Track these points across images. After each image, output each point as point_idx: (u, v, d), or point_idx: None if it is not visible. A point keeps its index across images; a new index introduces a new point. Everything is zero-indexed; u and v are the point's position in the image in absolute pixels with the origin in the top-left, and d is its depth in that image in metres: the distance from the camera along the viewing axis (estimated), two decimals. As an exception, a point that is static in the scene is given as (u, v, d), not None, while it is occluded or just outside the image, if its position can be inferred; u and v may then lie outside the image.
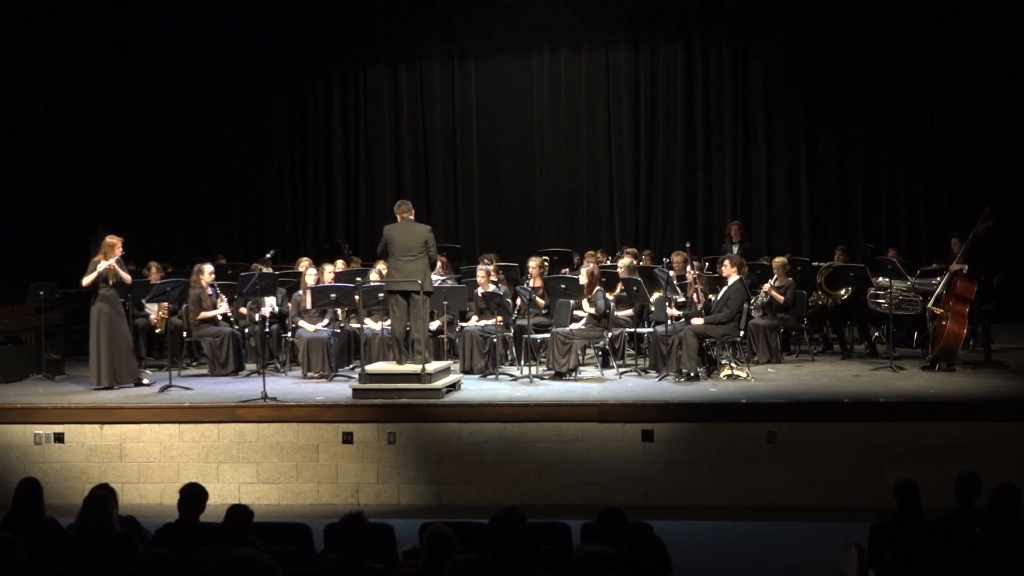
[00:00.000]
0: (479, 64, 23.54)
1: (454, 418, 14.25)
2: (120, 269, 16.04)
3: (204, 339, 17.37)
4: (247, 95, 23.97)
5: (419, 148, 23.78)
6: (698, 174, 22.70)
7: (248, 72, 23.84)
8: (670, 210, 22.82)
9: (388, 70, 23.84)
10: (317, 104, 24.15)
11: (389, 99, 23.84)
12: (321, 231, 23.90)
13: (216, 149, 24.13)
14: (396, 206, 15.58)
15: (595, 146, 23.08)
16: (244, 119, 24.11)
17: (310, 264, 18.13)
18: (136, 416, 14.68)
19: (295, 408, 14.55)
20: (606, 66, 23.03)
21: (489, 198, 23.59)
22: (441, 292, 16.33)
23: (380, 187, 23.66)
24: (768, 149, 22.50)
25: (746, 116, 22.57)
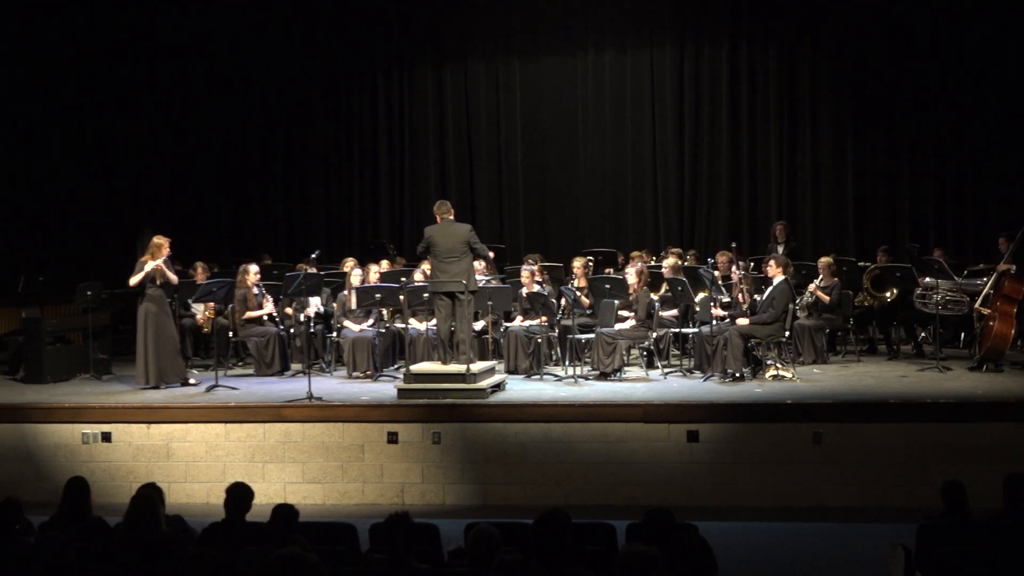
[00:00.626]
0: (524, 64, 23.54)
1: (499, 418, 14.25)
2: (167, 269, 16.14)
3: (250, 339, 17.44)
4: (293, 96, 24.04)
5: (463, 149, 23.81)
6: (743, 174, 22.63)
7: (294, 73, 23.92)
8: (715, 210, 22.76)
9: (433, 70, 23.87)
10: (362, 105, 24.19)
11: (434, 99, 23.87)
12: (366, 231, 23.96)
13: (262, 150, 24.21)
14: (436, 207, 15.59)
15: (640, 146, 23.03)
16: (290, 120, 24.18)
17: (355, 264, 18.17)
18: (183, 416, 14.75)
19: (340, 408, 14.58)
20: (651, 66, 22.99)
21: (533, 198, 23.58)
22: (485, 292, 16.33)
23: (425, 188, 23.68)
24: (814, 148, 22.40)
25: (792, 115, 22.47)
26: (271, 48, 23.71)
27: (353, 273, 17.54)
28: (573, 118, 23.30)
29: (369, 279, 17.54)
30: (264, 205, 24.39)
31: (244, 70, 23.81)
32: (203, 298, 17.35)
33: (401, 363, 17.05)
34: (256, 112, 23.94)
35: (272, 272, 19.49)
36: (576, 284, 17.79)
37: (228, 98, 23.84)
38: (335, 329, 17.56)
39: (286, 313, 18.14)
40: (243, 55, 23.72)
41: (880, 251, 19.19)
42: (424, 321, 17.06)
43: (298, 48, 23.75)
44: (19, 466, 14.76)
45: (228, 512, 8.91)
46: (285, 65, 23.84)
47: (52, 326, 17.61)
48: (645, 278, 16.77)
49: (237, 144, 24.01)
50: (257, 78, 23.86)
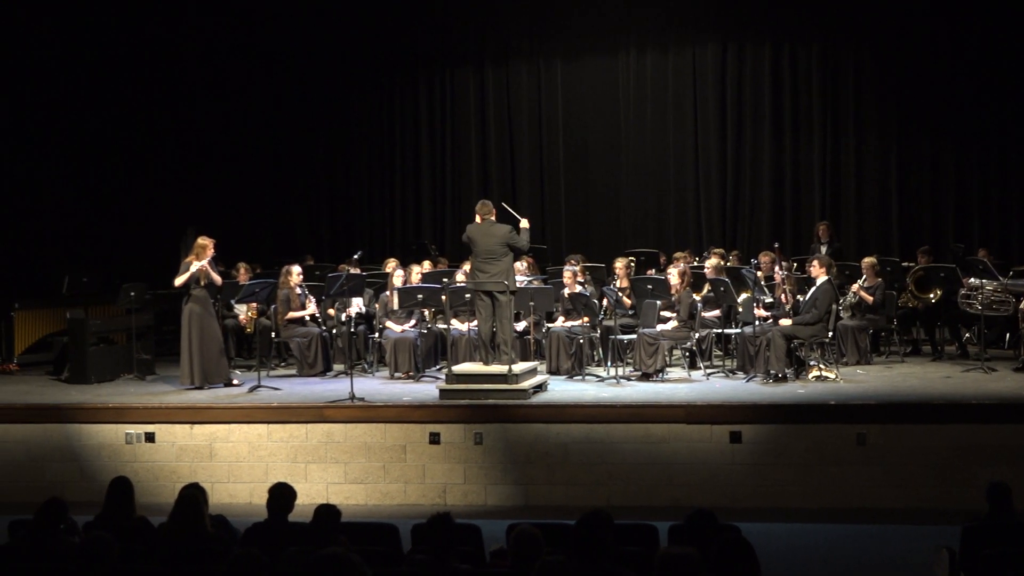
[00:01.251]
0: (565, 64, 23.50)
1: (541, 419, 14.25)
2: (211, 270, 16.22)
3: (292, 340, 17.50)
4: (335, 97, 24.08)
5: (505, 149, 23.79)
6: (786, 174, 22.52)
7: (336, 73, 23.95)
8: (758, 210, 22.67)
9: (474, 71, 23.86)
10: (404, 105, 24.22)
11: (475, 100, 23.87)
12: (408, 232, 23.97)
13: (304, 151, 24.26)
14: (478, 207, 15.62)
15: (682, 146, 22.97)
16: (332, 121, 24.22)
17: (397, 265, 18.20)
18: (225, 416, 14.82)
19: (382, 408, 14.61)
20: (693, 65, 22.91)
21: (575, 199, 23.55)
22: (527, 293, 16.33)
23: (466, 188, 23.68)
24: (857, 148, 22.26)
25: (835, 114, 22.35)
26: (313, 49, 23.75)
27: (395, 274, 17.58)
28: (615, 118, 23.25)
29: (411, 280, 17.56)
30: (307, 206, 24.44)
31: (286, 71, 23.86)
32: (246, 299, 17.41)
33: (443, 364, 17.06)
34: (298, 113, 23.99)
35: (314, 273, 19.54)
36: (618, 285, 17.77)
37: (271, 99, 23.90)
38: (377, 330, 17.60)
39: (328, 314, 18.19)
40: (285, 56, 23.77)
41: (920, 252, 19.04)
42: (466, 322, 17.07)
43: (340, 49, 23.78)
44: (64, 466, 14.87)
45: (271, 512, 8.95)
46: (327, 66, 23.88)
47: (96, 327, 17.71)
48: (688, 279, 16.74)
49: (280, 145, 24.07)
50: (299, 79, 23.91)
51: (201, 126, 23.77)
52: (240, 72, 23.79)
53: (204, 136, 23.77)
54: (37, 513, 8.69)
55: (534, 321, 17.11)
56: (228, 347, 17.94)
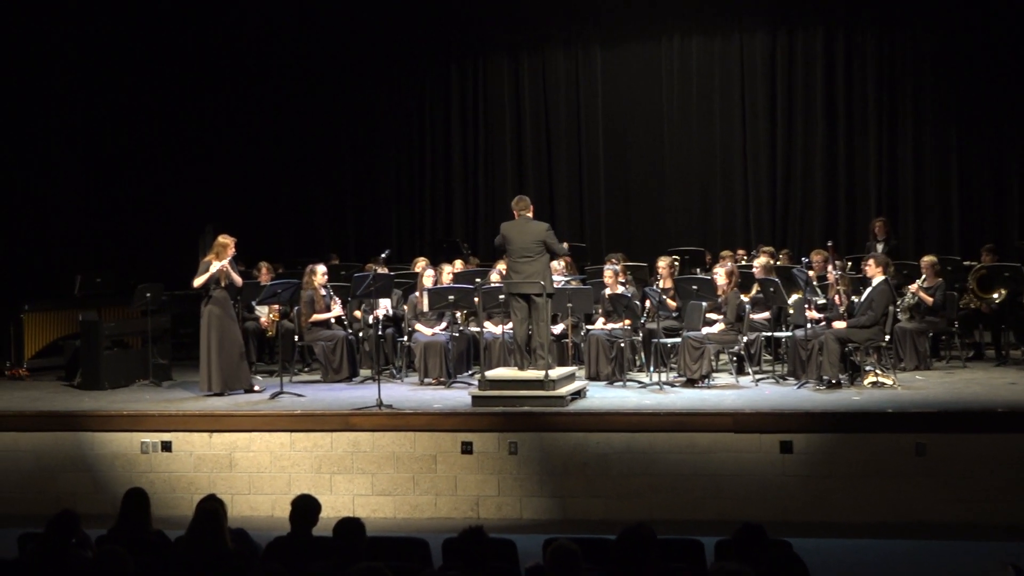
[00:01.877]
0: (605, 52, 23.49)
1: (579, 427, 14.24)
2: (232, 270, 16.26)
3: (316, 343, 17.53)
4: (361, 87, 24.13)
5: (541, 141, 23.80)
6: (839, 167, 22.44)
7: (362, 64, 23.99)
8: (809, 206, 22.60)
9: (509, 59, 23.88)
10: (435, 96, 24.25)
11: (510, 90, 23.89)
12: (439, 229, 24.01)
13: (329, 144, 24.32)
14: (514, 202, 15.59)
15: (729, 138, 22.92)
16: (358, 113, 24.27)
17: (427, 264, 18.23)
18: (246, 424, 14.85)
19: (412, 416, 14.62)
20: (740, 52, 22.86)
21: (616, 194, 23.54)
22: (565, 294, 16.32)
23: (500, 183, 23.70)
24: (916, 139, 22.16)
25: (892, 104, 22.25)
26: (337, 37, 23.80)
27: (425, 274, 17.59)
28: (658, 109, 23.22)
29: (442, 280, 17.58)
30: (331, 202, 24.50)
31: (309, 61, 23.93)
32: (267, 300, 17.47)
33: (476, 369, 17.09)
34: (323, 105, 24.05)
35: (340, 272, 19.60)
36: (661, 285, 17.75)
37: (293, 92, 23.97)
38: (406, 333, 17.62)
39: (354, 316, 18.22)
40: (309, 45, 23.85)
41: (984, 250, 18.93)
42: (500, 324, 17.08)
43: (367, 36, 23.82)
44: (76, 476, 14.93)
45: (294, 526, 8.96)
46: (352, 55, 23.92)
47: (110, 330, 17.79)
48: (735, 279, 16.70)
49: (303, 139, 24.13)
50: (323, 69, 23.97)
51: (221, 119, 23.86)
52: (261, 62, 23.86)
53: (224, 129, 23.85)
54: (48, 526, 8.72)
55: (572, 324, 17.09)
56: (249, 351, 17.96)
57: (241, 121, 23.91)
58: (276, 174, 24.07)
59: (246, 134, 23.92)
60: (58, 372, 18.62)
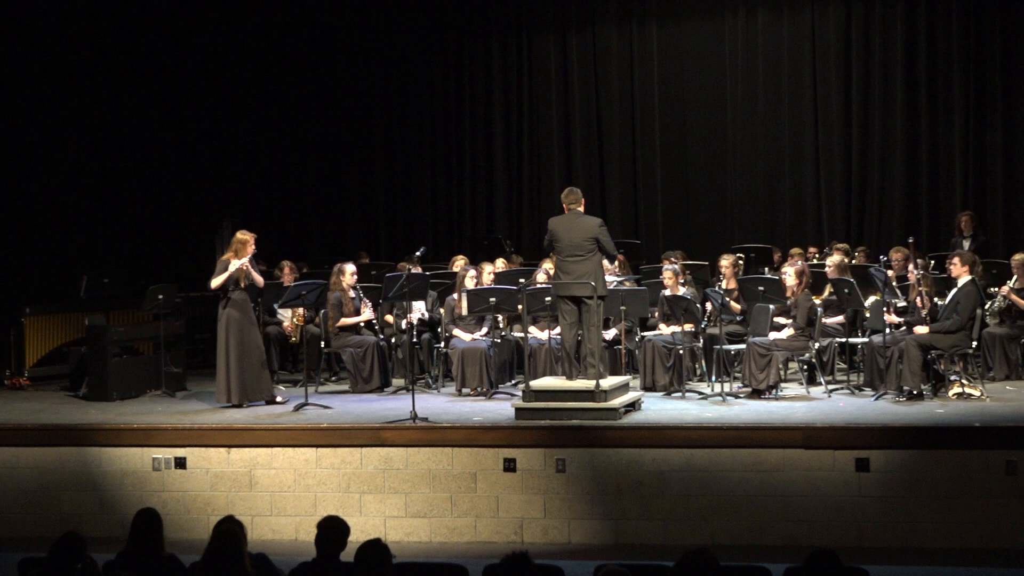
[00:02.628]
0: (662, 29, 23.47)
1: (634, 443, 14.21)
2: (252, 269, 16.28)
3: (345, 350, 17.54)
4: (394, 69, 24.18)
5: (592, 128, 23.78)
6: (922, 155, 22.35)
7: (395, 42, 24.03)
8: (888, 198, 22.52)
9: (556, 38, 23.88)
10: (475, 79, 24.26)
11: (557, 71, 23.87)
12: (479, 225, 24.03)
13: (358, 132, 24.37)
14: (564, 195, 15.53)
15: (799, 123, 22.86)
16: (391, 97, 24.31)
17: (466, 263, 18.24)
18: (268, 439, 14.88)
19: (449, 430, 14.62)
20: (812, 29, 22.80)
21: (674, 186, 23.50)
22: (618, 296, 16.31)
23: (547, 174, 23.69)
24: (1006, 124, 22.01)
25: (979, 86, 22.11)
26: (367, 15, 23.86)
27: (464, 274, 17.58)
28: (720, 92, 23.18)
29: (482, 280, 17.58)
30: (361, 195, 24.55)
31: (337, 40, 23.98)
32: (291, 302, 17.48)
33: (519, 378, 17.08)
34: (351, 89, 24.11)
35: (370, 272, 19.61)
36: (724, 286, 17.72)
37: (320, 73, 24.04)
38: (443, 339, 17.63)
39: (386, 320, 18.25)
40: (336, 23, 23.90)
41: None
42: (546, 329, 17.07)
43: (400, 13, 23.89)
44: (81, 496, 15.00)
45: (320, 550, 8.97)
46: (384, 33, 23.99)
47: (119, 335, 17.85)
48: (806, 279, 16.64)
49: (330, 126, 24.18)
50: (352, 49, 24.02)
51: (239, 104, 23.90)
52: (284, 42, 23.93)
53: (243, 116, 23.91)
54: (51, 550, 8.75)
55: (626, 329, 17.08)
56: (271, 359, 18.02)
57: (261, 107, 23.98)
58: (300, 164, 24.14)
59: (267, 121, 23.99)
60: (62, 381, 18.71)
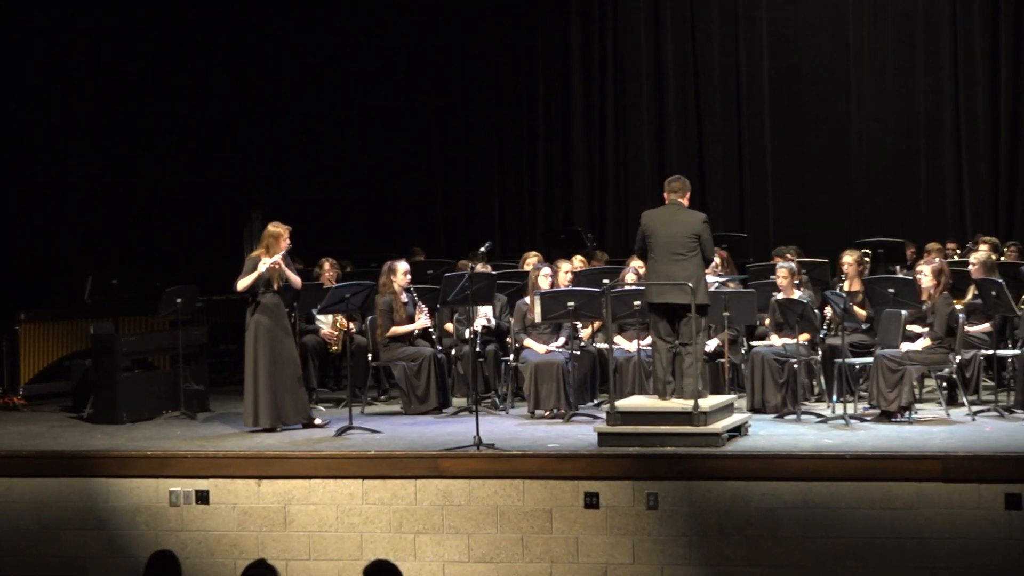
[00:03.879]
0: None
1: (739, 474, 14.16)
2: (286, 268, 16.30)
3: (396, 364, 17.55)
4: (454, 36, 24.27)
5: (689, 103, 23.79)
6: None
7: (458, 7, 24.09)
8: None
9: None
10: (550, 48, 24.31)
11: (648, 35, 23.88)
12: (555, 216, 24.04)
13: (412, 107, 24.43)
14: (668, 182, 15.44)
15: (936, 97, 22.80)
16: (449, 66, 24.38)
17: (540, 260, 18.21)
18: (305, 469, 14.89)
19: (519, 459, 14.61)
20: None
21: (787, 170, 23.47)
22: (720, 299, 16.26)
23: (635, 157, 23.68)
24: None
25: None
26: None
27: (537, 273, 17.55)
28: (841, 56, 23.14)
29: (559, 281, 17.55)
30: (415, 181, 24.61)
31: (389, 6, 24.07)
32: (332, 307, 17.48)
33: (603, 398, 17.06)
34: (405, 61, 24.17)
35: (426, 272, 19.64)
36: (847, 288, 17.63)
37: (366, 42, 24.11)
38: (512, 350, 17.62)
39: (445, 329, 18.26)
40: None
41: None
42: (635, 340, 17.03)
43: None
44: (85, 536, 15.04)
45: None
46: None
47: (129, 346, 17.89)
48: (945, 279, 16.55)
49: (378, 103, 24.24)
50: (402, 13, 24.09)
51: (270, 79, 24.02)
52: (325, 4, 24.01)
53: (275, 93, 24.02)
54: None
55: (730, 339, 17.03)
56: (308, 374, 18.07)
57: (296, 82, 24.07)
58: (342, 146, 24.17)
59: (303, 96, 24.06)
60: (63, 401, 18.81)
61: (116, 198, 22.84)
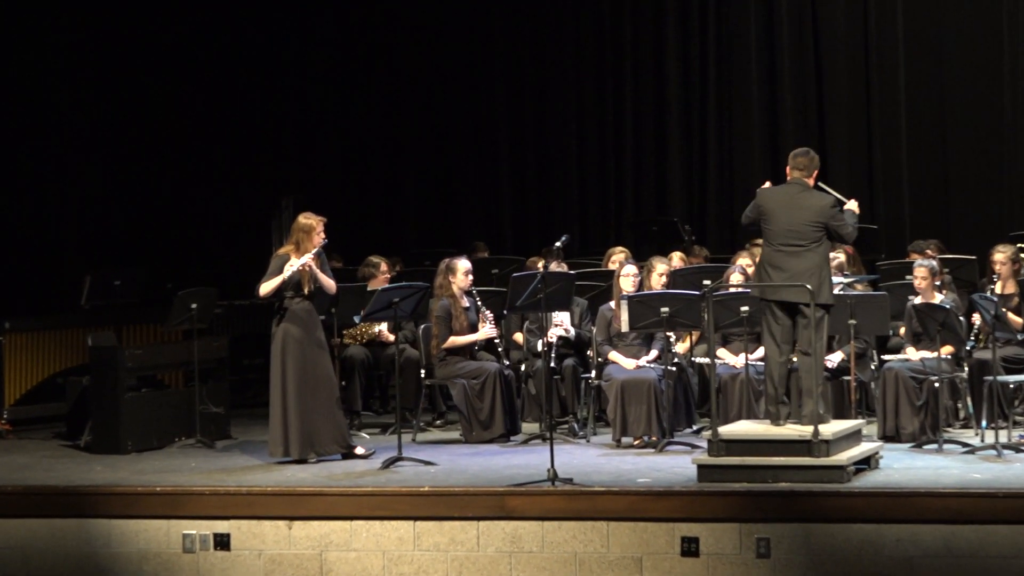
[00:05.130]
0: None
1: (869, 516, 14.11)
2: (319, 268, 16.30)
3: (455, 382, 17.56)
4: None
5: (808, 69, 23.80)
6: None
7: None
8: None
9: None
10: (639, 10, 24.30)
11: (756, 0, 23.95)
12: (646, 203, 24.05)
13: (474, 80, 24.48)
14: (792, 156, 15.36)
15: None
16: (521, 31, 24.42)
17: (627, 258, 18.18)
18: (345, 508, 14.91)
19: (603, 497, 14.59)
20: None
21: (925, 152, 23.45)
22: (846, 304, 16.20)
23: (743, 132, 23.69)
24: None
25: None
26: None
27: (624, 273, 17.54)
28: (994, 23, 23.05)
29: (651, 283, 17.54)
30: (477, 165, 24.64)
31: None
32: (378, 315, 17.49)
33: (703, 423, 17.05)
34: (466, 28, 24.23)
35: (491, 271, 19.70)
36: (1000, 290, 17.56)
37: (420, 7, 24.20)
38: (594, 366, 17.62)
39: (514, 339, 18.26)
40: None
41: None
42: (743, 352, 16.99)
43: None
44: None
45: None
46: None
47: (135, 360, 17.95)
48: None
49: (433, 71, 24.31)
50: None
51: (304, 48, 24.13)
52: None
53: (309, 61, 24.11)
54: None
55: (857, 352, 16.98)
56: (351, 394, 18.09)
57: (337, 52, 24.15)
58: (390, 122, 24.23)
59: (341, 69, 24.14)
60: (55, 426, 18.93)
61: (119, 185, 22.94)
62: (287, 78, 24.03)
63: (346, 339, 18.54)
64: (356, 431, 17.55)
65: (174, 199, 23.10)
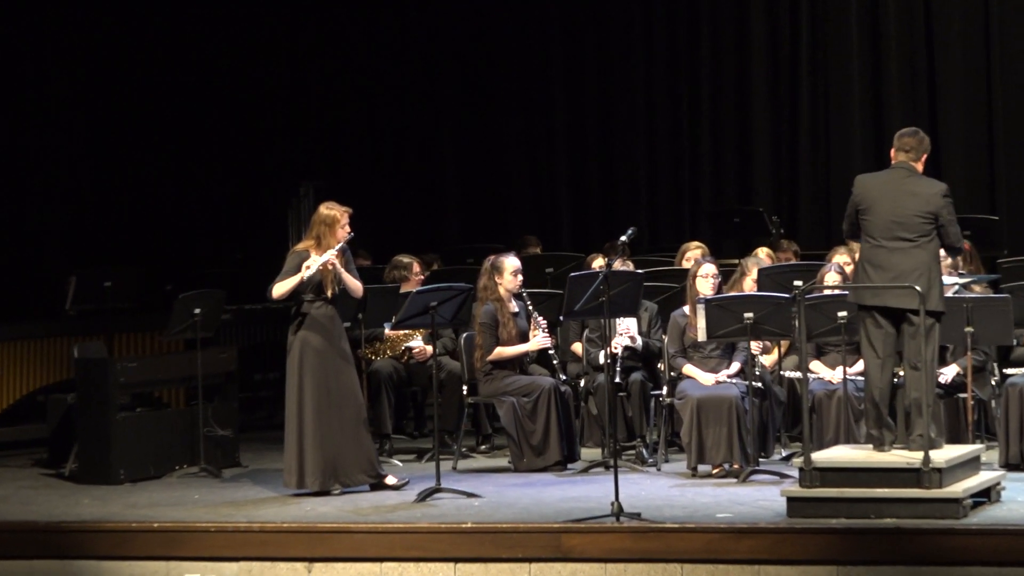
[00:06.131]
0: None
1: (988, 557, 14.01)
2: (342, 267, 16.24)
3: (502, 400, 17.53)
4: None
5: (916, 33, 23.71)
6: None
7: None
8: None
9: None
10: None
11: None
12: (726, 191, 24.03)
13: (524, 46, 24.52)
14: (896, 138, 15.27)
15: None
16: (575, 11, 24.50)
17: (704, 255, 18.13)
18: (374, 547, 14.87)
19: (676, 534, 14.53)
20: None
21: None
22: (962, 309, 16.10)
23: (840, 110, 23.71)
24: None
25: None
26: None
27: (699, 273, 17.48)
28: None
29: (742, 287, 17.48)
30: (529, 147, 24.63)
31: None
32: (412, 321, 17.45)
33: (794, 448, 16.99)
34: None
35: (544, 271, 19.64)
36: None
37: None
38: (666, 381, 17.55)
39: (572, 350, 18.21)
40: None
41: None
42: (840, 366, 16.92)
43: None
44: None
45: None
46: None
47: (128, 374, 17.93)
48: None
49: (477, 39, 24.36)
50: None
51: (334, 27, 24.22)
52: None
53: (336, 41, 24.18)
54: None
55: (975, 365, 16.89)
56: (380, 414, 18.06)
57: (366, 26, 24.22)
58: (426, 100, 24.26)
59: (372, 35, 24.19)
60: (36, 451, 18.94)
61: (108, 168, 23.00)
62: (306, 47, 24.07)
63: (368, 354, 18.44)
64: (387, 458, 17.54)
65: (173, 187, 23.16)
